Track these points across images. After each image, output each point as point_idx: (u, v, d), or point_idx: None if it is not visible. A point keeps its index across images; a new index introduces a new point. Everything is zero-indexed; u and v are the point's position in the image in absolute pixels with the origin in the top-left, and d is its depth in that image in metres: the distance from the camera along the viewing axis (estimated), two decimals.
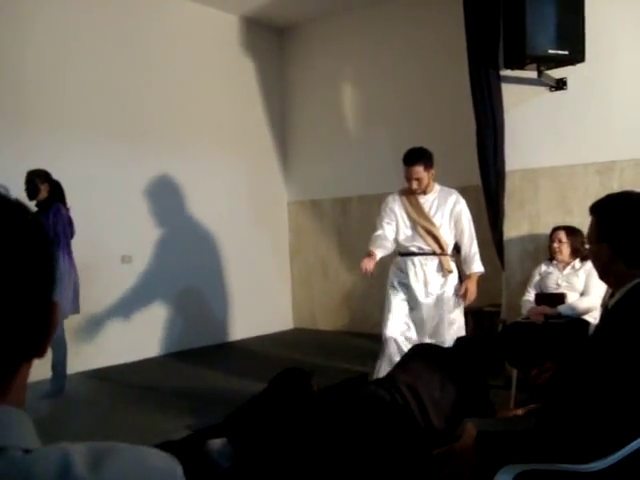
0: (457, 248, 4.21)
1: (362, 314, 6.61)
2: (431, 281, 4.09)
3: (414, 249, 4.11)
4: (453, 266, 4.14)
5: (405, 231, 4.12)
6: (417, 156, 3.98)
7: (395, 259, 4.22)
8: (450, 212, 4.10)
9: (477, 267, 4.11)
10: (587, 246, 1.85)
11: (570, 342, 3.60)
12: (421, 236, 4.07)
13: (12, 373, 0.67)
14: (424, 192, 4.09)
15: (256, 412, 2.26)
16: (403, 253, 4.17)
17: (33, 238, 0.68)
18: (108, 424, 3.84)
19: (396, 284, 4.15)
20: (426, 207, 4.11)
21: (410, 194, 4.12)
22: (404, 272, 4.12)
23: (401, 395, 2.09)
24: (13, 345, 0.66)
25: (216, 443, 2.00)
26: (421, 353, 2.50)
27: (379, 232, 4.14)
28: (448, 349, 3.10)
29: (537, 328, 3.93)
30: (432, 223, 4.07)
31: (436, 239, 4.07)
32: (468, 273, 4.13)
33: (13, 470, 0.59)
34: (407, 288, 4.11)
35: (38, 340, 0.69)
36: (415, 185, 4.01)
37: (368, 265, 3.85)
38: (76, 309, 4.56)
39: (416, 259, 4.10)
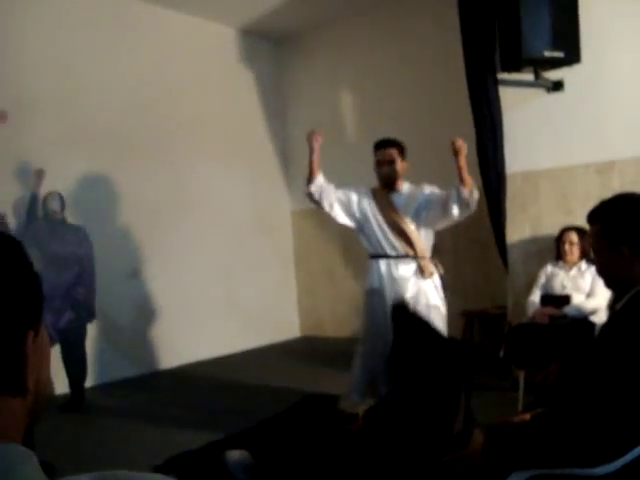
0: (436, 247, 3.92)
1: None
2: (403, 286, 3.75)
3: (382, 251, 3.84)
4: (434, 268, 3.84)
5: (374, 229, 3.85)
6: (391, 141, 3.90)
7: (369, 262, 3.93)
8: (423, 202, 3.79)
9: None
10: (592, 256, 1.81)
11: (575, 343, 3.60)
12: (391, 237, 3.81)
13: None
14: (393, 187, 3.84)
15: (280, 430, 2.27)
16: (373, 255, 3.90)
17: (17, 267, 0.66)
18: (124, 438, 3.87)
19: (370, 292, 3.87)
20: (396, 204, 3.84)
21: (380, 192, 3.89)
22: (377, 276, 3.84)
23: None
24: None
25: (235, 454, 2.02)
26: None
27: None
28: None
29: (542, 329, 3.94)
30: (403, 220, 3.79)
31: (408, 239, 3.79)
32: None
33: None
34: (381, 296, 3.80)
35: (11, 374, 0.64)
36: (386, 169, 3.79)
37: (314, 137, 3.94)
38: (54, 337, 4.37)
39: (391, 262, 3.81)
